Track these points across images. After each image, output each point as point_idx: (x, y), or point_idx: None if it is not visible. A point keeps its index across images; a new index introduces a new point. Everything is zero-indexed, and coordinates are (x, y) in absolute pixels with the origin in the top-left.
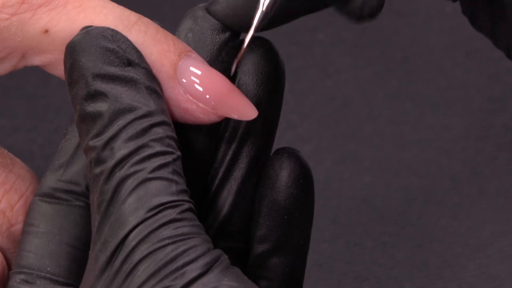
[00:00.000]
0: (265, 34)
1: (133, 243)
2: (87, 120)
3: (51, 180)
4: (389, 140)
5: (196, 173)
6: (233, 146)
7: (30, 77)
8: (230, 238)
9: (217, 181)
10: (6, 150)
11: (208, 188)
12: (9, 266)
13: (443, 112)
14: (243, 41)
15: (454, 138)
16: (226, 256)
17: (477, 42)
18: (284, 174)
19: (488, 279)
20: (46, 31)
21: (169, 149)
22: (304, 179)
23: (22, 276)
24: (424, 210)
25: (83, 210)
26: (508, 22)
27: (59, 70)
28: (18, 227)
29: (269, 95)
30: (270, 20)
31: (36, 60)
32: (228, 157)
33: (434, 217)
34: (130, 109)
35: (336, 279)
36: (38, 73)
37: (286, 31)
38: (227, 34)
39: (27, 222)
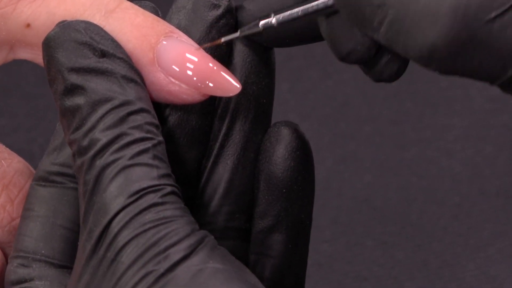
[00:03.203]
0: None
1: (116, 229)
2: (67, 114)
3: (46, 164)
4: (389, 140)
5: (191, 153)
6: (226, 121)
7: (30, 76)
8: (230, 216)
9: (212, 159)
10: (3, 145)
11: (203, 166)
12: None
13: (443, 112)
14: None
15: (454, 138)
16: (212, 237)
17: None
18: (280, 147)
19: (488, 279)
20: (28, 25)
21: (149, 135)
22: (301, 151)
23: (19, 260)
24: (424, 210)
25: (77, 192)
26: None
27: None
28: (19, 221)
29: (257, 66)
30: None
31: (24, 53)
32: (221, 133)
33: (434, 217)
34: (107, 100)
35: (336, 279)
36: (38, 73)
37: None
38: (219, 11)
39: (25, 207)
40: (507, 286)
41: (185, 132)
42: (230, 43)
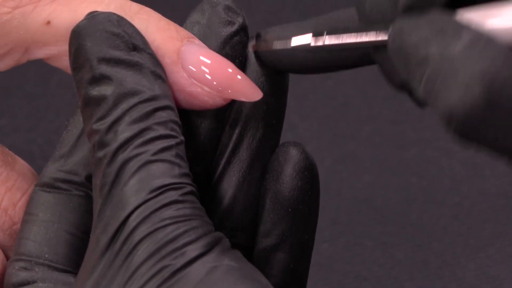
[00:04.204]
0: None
1: (134, 223)
2: (91, 103)
3: (51, 170)
4: (389, 140)
5: (197, 167)
6: (233, 138)
7: (30, 77)
8: (232, 233)
9: (217, 174)
10: (7, 148)
11: (209, 181)
12: None
13: None
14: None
15: None
16: (227, 239)
17: None
18: (289, 166)
19: (488, 279)
20: (49, 22)
21: (173, 133)
22: (309, 172)
23: (21, 264)
24: (424, 210)
25: (82, 199)
26: None
27: (63, 62)
28: (20, 225)
29: (270, 87)
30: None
31: (40, 53)
32: (228, 150)
33: (434, 217)
34: (135, 93)
35: (336, 279)
36: (38, 73)
37: None
38: (233, 28)
39: (27, 212)
40: (507, 286)
41: (192, 146)
42: (244, 61)
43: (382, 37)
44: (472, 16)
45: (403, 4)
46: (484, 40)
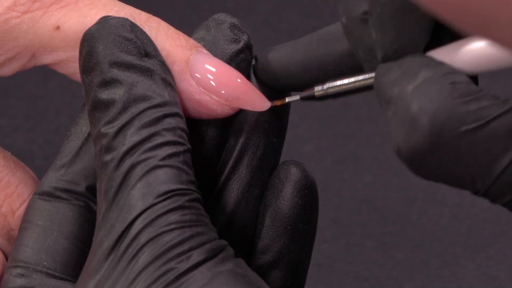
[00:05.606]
0: (265, 35)
1: (141, 226)
2: (100, 107)
3: (51, 180)
4: (389, 140)
5: (199, 180)
6: (234, 155)
7: (30, 77)
8: None
9: (216, 190)
10: (10, 153)
11: (209, 194)
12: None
13: None
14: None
15: None
16: (231, 248)
17: None
18: (289, 184)
19: (488, 279)
20: (58, 27)
21: (181, 140)
22: (309, 191)
23: (18, 270)
24: (424, 210)
25: (82, 209)
26: None
27: (70, 68)
28: (18, 231)
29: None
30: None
31: (47, 59)
32: (228, 166)
33: (434, 217)
34: (145, 98)
35: (336, 279)
36: (38, 74)
37: (286, 31)
38: (239, 46)
39: (25, 219)
40: (507, 286)
41: (195, 160)
42: (248, 79)
43: (371, 80)
44: (444, 53)
45: (381, 57)
46: (436, 78)
